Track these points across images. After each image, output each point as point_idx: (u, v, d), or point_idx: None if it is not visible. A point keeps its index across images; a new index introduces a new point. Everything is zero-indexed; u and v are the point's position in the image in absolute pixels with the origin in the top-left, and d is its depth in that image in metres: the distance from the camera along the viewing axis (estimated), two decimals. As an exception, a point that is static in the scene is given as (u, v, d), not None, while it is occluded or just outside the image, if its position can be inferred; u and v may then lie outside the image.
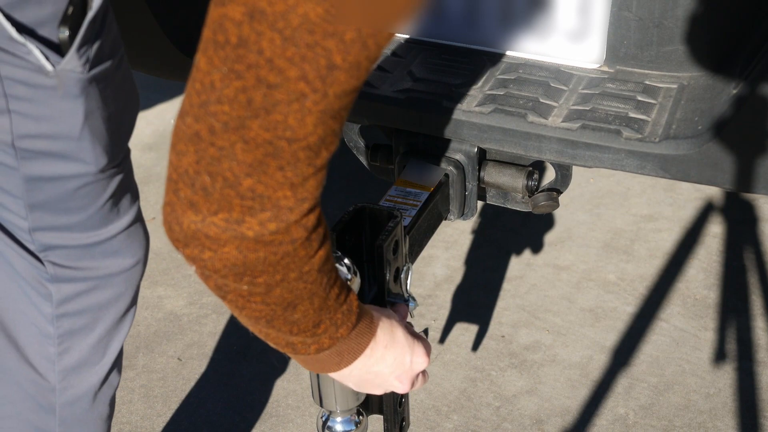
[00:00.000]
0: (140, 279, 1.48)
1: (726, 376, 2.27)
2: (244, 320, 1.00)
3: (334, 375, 1.12)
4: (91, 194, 1.32)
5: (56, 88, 1.19)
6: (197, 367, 2.35)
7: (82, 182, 1.30)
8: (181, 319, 2.48)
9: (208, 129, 0.82)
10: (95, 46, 1.20)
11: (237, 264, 0.89)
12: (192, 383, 2.31)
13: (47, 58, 1.16)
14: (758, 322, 2.40)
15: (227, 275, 0.91)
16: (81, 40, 1.17)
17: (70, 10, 1.16)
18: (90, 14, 1.17)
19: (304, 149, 0.83)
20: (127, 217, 1.40)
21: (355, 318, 1.05)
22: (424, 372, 1.23)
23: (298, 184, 0.86)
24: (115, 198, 1.36)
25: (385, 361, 1.13)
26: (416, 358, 1.17)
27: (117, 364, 1.52)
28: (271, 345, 1.04)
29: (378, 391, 1.17)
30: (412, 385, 1.19)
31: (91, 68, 1.21)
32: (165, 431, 2.19)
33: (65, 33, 1.16)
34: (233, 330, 2.44)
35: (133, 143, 3.15)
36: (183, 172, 0.86)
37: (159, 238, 2.74)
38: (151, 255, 2.68)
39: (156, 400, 2.26)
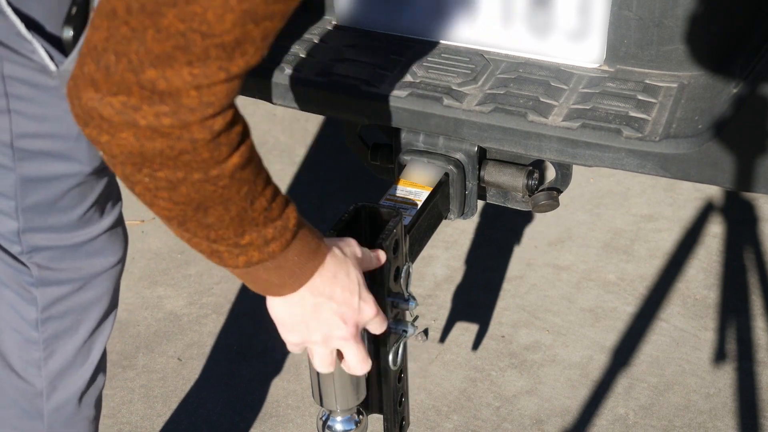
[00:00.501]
0: (120, 278, 1.48)
1: (726, 376, 2.27)
2: (160, 219, 0.97)
3: (277, 304, 1.08)
4: (80, 195, 1.33)
5: (58, 88, 1.19)
6: (197, 367, 2.35)
7: (74, 182, 1.30)
8: (181, 319, 2.48)
9: (126, 7, 0.82)
10: None
11: (133, 152, 0.88)
12: (192, 383, 2.31)
13: (51, 58, 1.16)
14: (758, 322, 2.40)
15: (125, 163, 0.89)
16: None
17: (74, 10, 1.16)
18: (93, 14, 1.18)
19: (217, 47, 0.82)
20: (110, 218, 1.40)
21: (291, 236, 1.01)
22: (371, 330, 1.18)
23: (205, 87, 0.84)
24: (101, 199, 1.36)
25: (333, 293, 1.08)
26: (365, 304, 1.12)
27: (101, 365, 1.51)
28: (198, 251, 1.01)
29: (317, 336, 1.11)
30: (356, 331, 1.12)
31: None
32: (165, 431, 2.19)
33: (69, 33, 1.16)
34: (233, 330, 2.44)
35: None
36: (92, 47, 0.85)
37: (159, 238, 2.74)
38: (150, 255, 2.68)
39: (156, 400, 2.26)
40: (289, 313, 1.09)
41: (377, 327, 1.18)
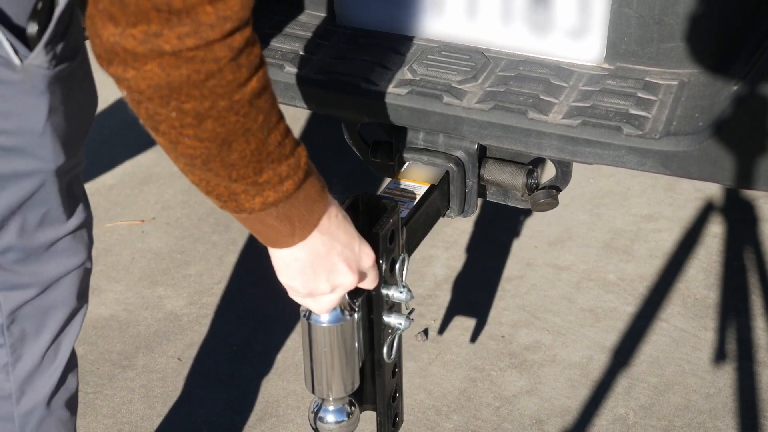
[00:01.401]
0: (86, 280, 1.46)
1: (726, 376, 2.27)
2: (181, 163, 0.97)
3: (287, 254, 1.08)
4: (46, 194, 1.31)
5: (22, 82, 1.18)
6: (197, 367, 2.35)
7: (39, 181, 1.29)
8: (181, 319, 2.48)
9: None
10: (62, 43, 1.20)
11: (161, 84, 0.88)
12: (192, 383, 2.30)
13: (16, 52, 1.16)
14: (758, 322, 2.40)
15: (152, 97, 0.89)
16: (49, 36, 1.17)
17: (40, 5, 1.15)
18: (58, 10, 1.17)
19: None
20: (75, 220, 1.38)
21: (303, 174, 1.02)
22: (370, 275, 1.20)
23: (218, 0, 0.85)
24: (66, 200, 1.35)
25: (339, 239, 1.10)
26: (365, 248, 1.15)
27: (71, 366, 1.49)
28: (215, 202, 1.01)
29: (324, 285, 1.12)
30: (361, 279, 1.16)
31: (57, 64, 1.20)
32: (165, 431, 2.19)
33: (34, 28, 1.15)
34: (233, 330, 2.44)
35: (133, 143, 3.15)
36: None
37: (159, 238, 2.74)
38: (150, 255, 2.68)
39: (156, 400, 2.26)
40: (295, 257, 1.09)
41: (371, 281, 1.20)
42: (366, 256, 1.16)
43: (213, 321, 2.47)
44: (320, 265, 1.10)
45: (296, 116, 3.23)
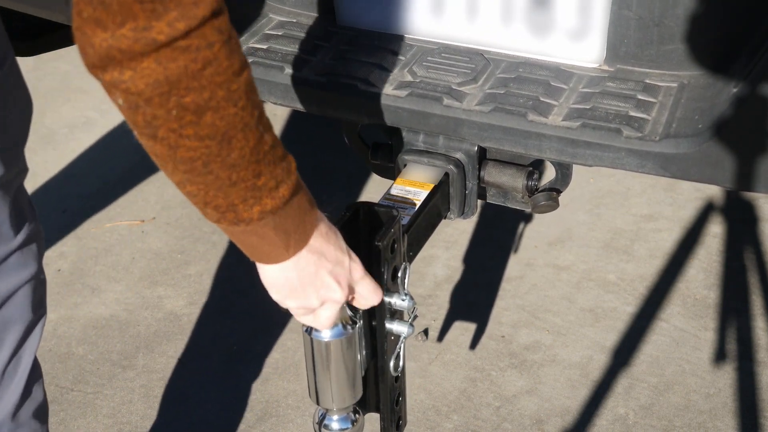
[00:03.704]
0: (40, 291, 1.44)
1: (726, 376, 2.27)
2: (180, 171, 0.96)
3: (272, 269, 1.08)
4: None
5: None
6: (197, 367, 2.35)
7: None
8: (181, 319, 2.48)
9: None
10: None
11: (159, 79, 0.87)
12: (192, 383, 2.30)
13: None
14: (758, 322, 2.40)
15: (152, 96, 0.89)
16: None
17: None
18: None
19: None
20: (22, 235, 1.37)
21: (295, 179, 1.02)
22: (364, 290, 1.18)
23: None
24: (13, 214, 1.33)
25: (328, 257, 1.09)
26: (355, 264, 1.14)
27: (34, 377, 1.48)
28: (213, 214, 1.00)
29: (314, 301, 1.12)
30: (351, 293, 1.15)
31: None
32: (165, 431, 2.19)
33: None
34: (233, 330, 2.44)
35: (133, 145, 3.15)
36: None
37: (159, 238, 2.74)
38: (150, 255, 2.68)
39: (156, 400, 2.26)
40: (285, 277, 1.09)
41: (370, 295, 1.18)
42: (356, 270, 1.15)
43: (213, 321, 2.48)
44: (309, 283, 1.09)
45: (296, 116, 3.23)
